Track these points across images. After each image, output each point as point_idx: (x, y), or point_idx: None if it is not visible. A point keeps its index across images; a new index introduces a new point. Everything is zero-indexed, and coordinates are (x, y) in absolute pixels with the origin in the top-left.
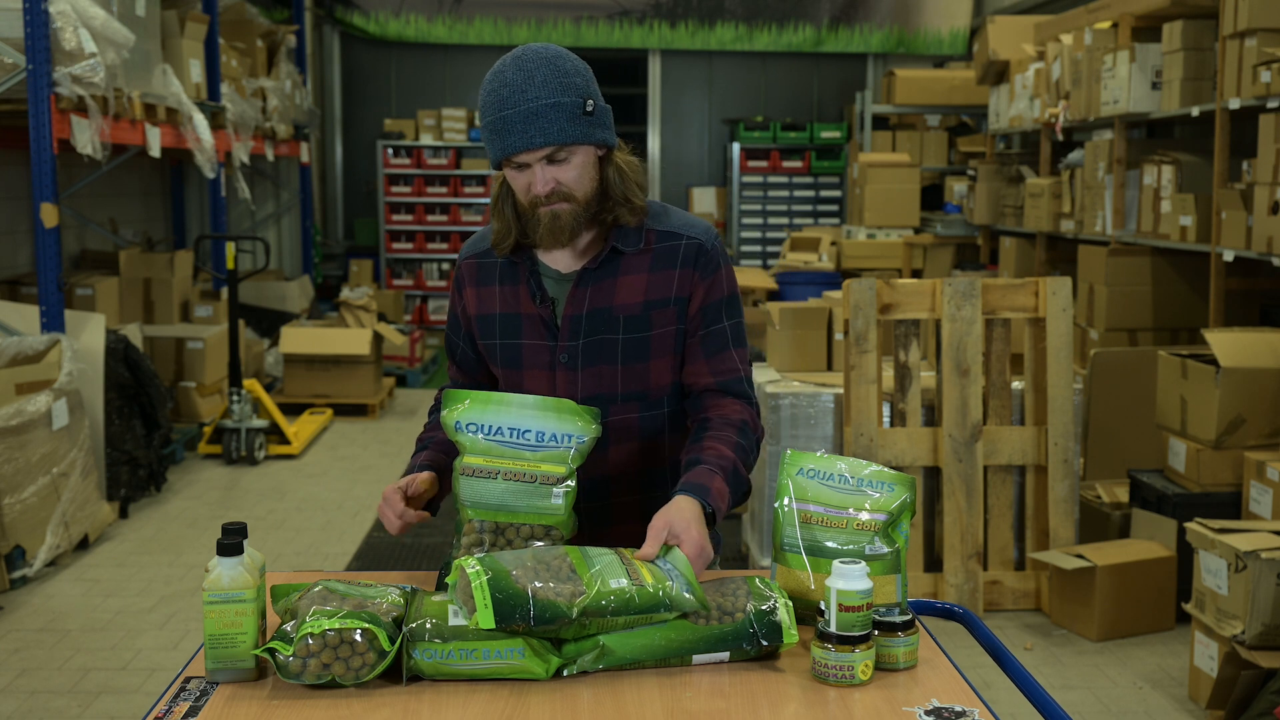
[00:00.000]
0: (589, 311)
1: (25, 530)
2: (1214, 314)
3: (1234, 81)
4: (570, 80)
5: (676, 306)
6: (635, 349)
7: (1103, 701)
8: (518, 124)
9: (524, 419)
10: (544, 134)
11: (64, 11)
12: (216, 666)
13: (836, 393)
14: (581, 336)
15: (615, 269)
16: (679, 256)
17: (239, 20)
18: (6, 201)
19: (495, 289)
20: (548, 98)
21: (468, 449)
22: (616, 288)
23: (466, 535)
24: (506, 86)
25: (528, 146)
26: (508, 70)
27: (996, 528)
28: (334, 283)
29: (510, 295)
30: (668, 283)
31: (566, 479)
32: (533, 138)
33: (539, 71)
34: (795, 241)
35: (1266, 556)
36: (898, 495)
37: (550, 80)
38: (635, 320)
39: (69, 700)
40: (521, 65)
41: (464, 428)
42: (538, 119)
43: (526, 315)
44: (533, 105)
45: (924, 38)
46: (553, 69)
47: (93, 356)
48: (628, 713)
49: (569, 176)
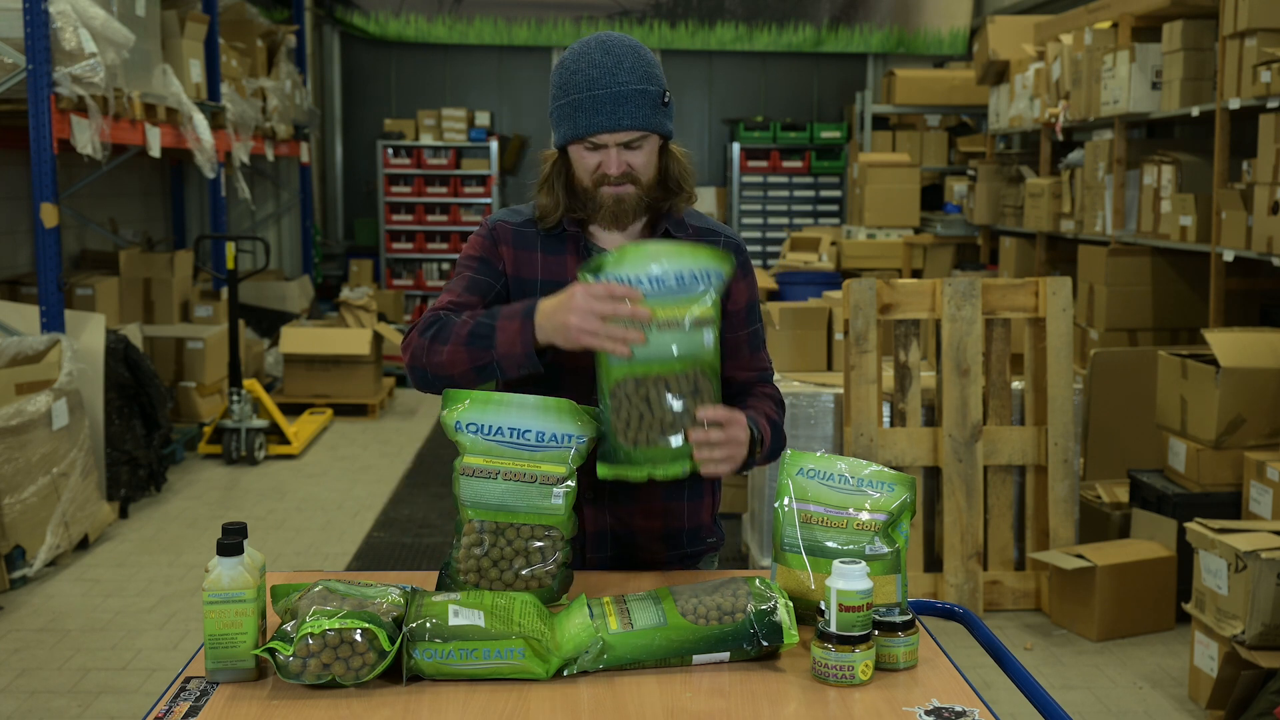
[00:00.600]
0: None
1: (25, 530)
2: (1214, 314)
3: (1234, 81)
4: (653, 70)
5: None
6: None
7: (1103, 701)
8: (606, 105)
9: (524, 419)
10: (631, 118)
11: (64, 11)
12: (216, 666)
13: (836, 393)
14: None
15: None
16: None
17: (239, 20)
18: (6, 201)
19: (536, 255)
20: (636, 84)
21: (468, 449)
22: None
23: (466, 535)
24: (595, 67)
25: (615, 128)
26: (594, 52)
27: (996, 528)
28: (334, 283)
29: (554, 263)
30: None
31: (567, 479)
32: (620, 120)
33: (627, 58)
34: (795, 241)
35: (1266, 556)
36: (898, 495)
37: (637, 67)
38: None
39: (69, 700)
40: (609, 50)
41: (464, 427)
42: (626, 103)
43: (574, 283)
44: (622, 89)
45: (924, 38)
46: (639, 57)
47: (93, 356)
48: (628, 713)
49: (639, 161)
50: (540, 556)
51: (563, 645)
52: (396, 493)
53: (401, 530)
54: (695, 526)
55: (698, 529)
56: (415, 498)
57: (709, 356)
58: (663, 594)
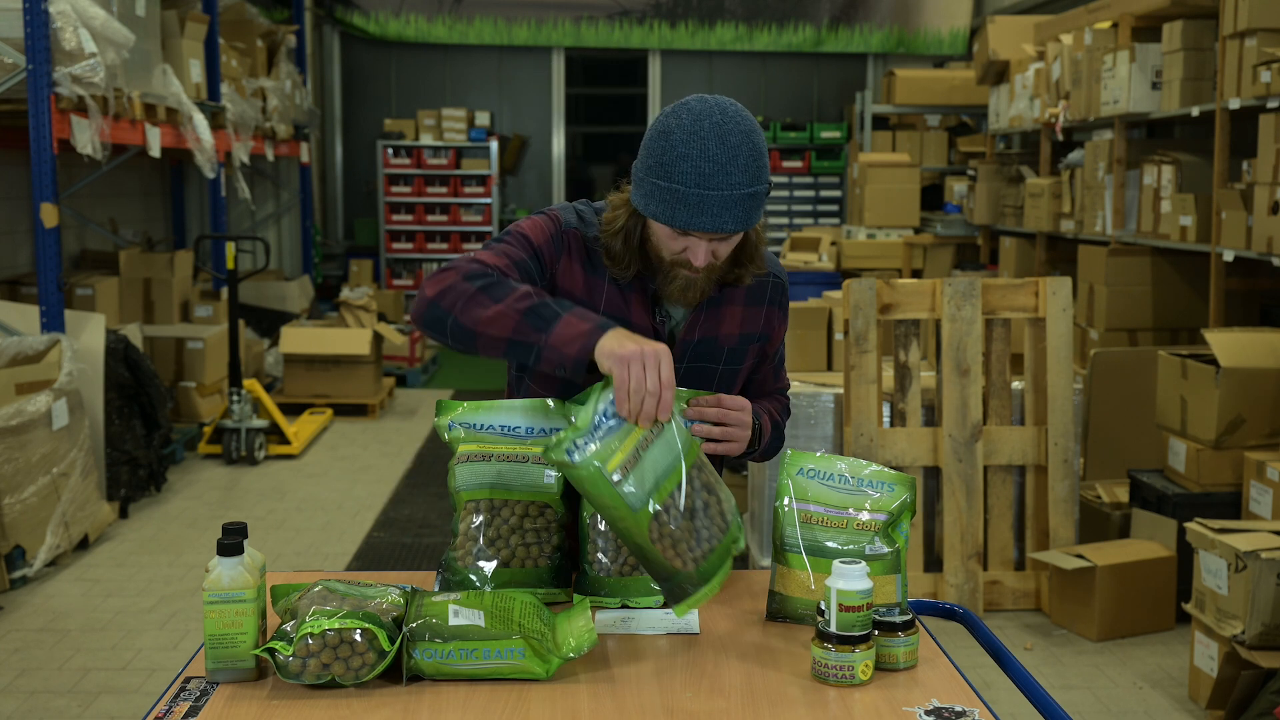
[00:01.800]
0: (699, 339)
1: (25, 530)
2: (1214, 314)
3: (1234, 81)
4: (763, 163)
5: (760, 342)
6: (728, 380)
7: (1103, 701)
8: (714, 207)
9: (513, 418)
10: (736, 221)
11: (64, 11)
12: (216, 666)
13: (836, 393)
14: (684, 360)
15: (720, 299)
16: (766, 293)
17: (239, 20)
18: (6, 201)
19: (603, 284)
20: (748, 186)
21: (462, 441)
22: (721, 317)
23: (463, 520)
24: (710, 161)
25: (718, 230)
26: (708, 140)
27: (996, 528)
28: (334, 283)
29: (619, 297)
30: (757, 318)
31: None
32: (724, 224)
33: (742, 152)
34: (795, 241)
35: (1266, 556)
36: (898, 495)
37: (751, 165)
38: (734, 352)
39: (69, 700)
40: (724, 140)
41: (455, 425)
42: (736, 207)
43: (637, 325)
44: (735, 193)
45: (924, 38)
46: (753, 150)
47: (93, 356)
48: (628, 713)
49: (725, 251)
50: (535, 537)
51: (562, 646)
52: (396, 493)
53: (401, 530)
54: None
55: None
56: (415, 498)
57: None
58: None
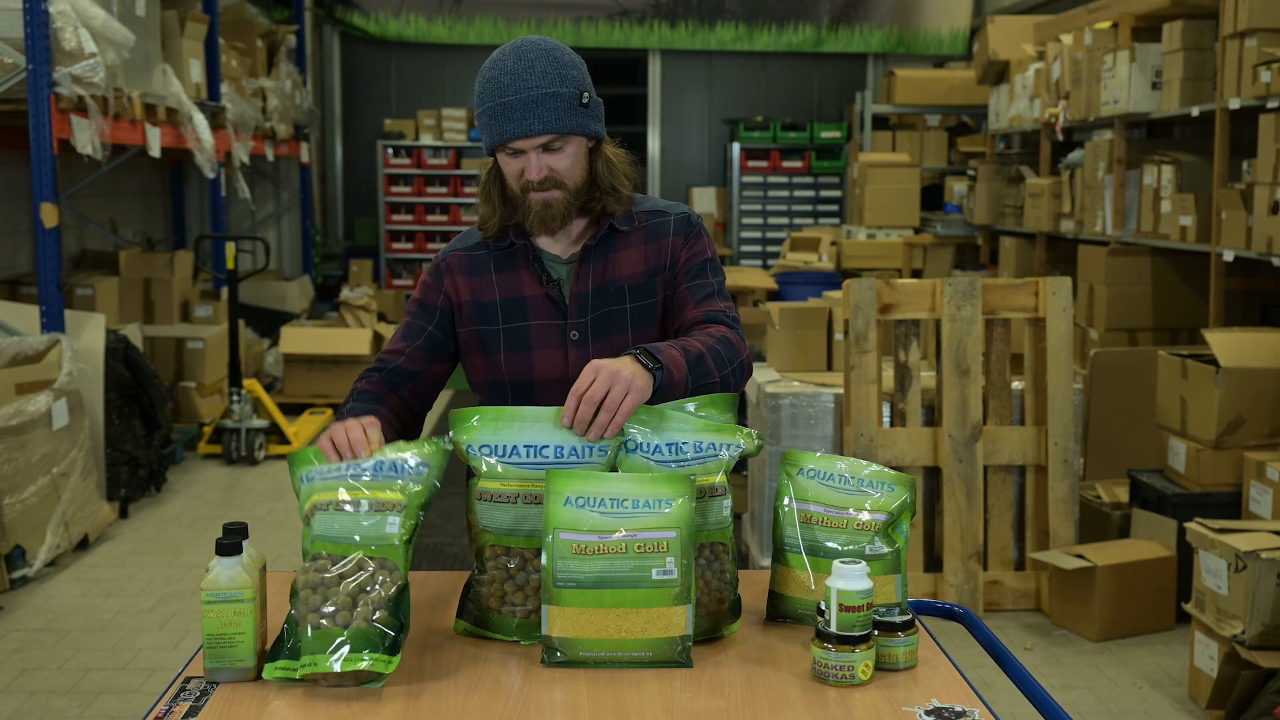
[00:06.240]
0: (595, 288)
1: (25, 530)
2: (1214, 314)
3: (1234, 81)
4: (568, 72)
5: (668, 272)
6: (643, 316)
7: (1103, 701)
8: (518, 111)
9: (540, 434)
10: (543, 122)
11: (64, 11)
12: (215, 666)
13: (836, 393)
14: (590, 312)
15: (613, 246)
16: (670, 227)
17: (239, 20)
18: (6, 201)
19: (491, 278)
20: (547, 87)
21: (483, 474)
22: (617, 262)
23: (491, 560)
24: (507, 74)
25: (526, 133)
26: (507, 59)
27: (996, 528)
28: (334, 283)
29: (510, 281)
30: (663, 251)
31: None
32: (531, 125)
33: (539, 61)
34: (795, 241)
35: (1266, 556)
36: (898, 495)
37: (550, 70)
38: (640, 288)
39: (69, 700)
40: (522, 55)
41: (477, 450)
42: (537, 107)
43: (532, 297)
44: (533, 94)
45: (924, 38)
46: (552, 60)
47: (93, 356)
48: (628, 713)
49: (562, 165)
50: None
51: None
52: None
53: None
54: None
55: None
56: None
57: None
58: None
